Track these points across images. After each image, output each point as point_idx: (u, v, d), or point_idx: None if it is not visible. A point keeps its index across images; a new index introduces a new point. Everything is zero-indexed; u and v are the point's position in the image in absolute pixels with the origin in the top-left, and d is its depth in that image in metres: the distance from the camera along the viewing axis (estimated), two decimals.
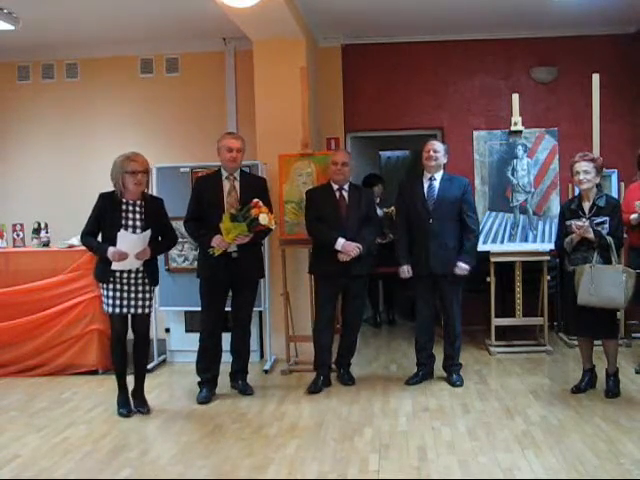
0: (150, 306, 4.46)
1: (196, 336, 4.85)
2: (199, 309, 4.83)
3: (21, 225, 5.99)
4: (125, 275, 4.29)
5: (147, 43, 6.75)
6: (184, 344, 5.73)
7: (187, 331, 5.78)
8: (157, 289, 5.62)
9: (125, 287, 4.31)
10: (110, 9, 5.68)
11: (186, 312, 5.75)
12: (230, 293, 4.79)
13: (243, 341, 4.90)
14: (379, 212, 6.84)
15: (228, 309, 4.82)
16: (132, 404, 4.46)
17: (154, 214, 4.38)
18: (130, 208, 4.29)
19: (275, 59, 5.75)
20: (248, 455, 3.68)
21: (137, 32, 6.41)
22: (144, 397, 4.51)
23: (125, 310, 4.34)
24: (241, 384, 4.86)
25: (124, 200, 4.28)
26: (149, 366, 5.56)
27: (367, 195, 5.09)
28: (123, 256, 4.18)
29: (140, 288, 4.36)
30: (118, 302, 4.31)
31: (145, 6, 5.62)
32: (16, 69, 7.04)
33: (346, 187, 4.95)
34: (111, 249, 4.17)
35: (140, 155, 4.28)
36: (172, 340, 5.87)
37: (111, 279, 4.27)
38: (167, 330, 5.85)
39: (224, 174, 4.73)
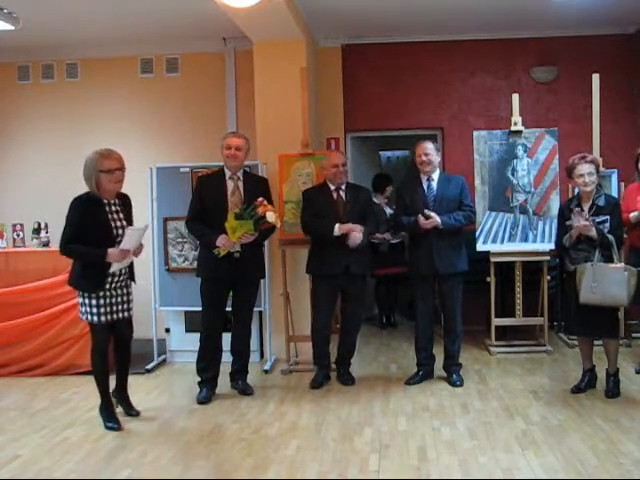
0: (132, 308, 4.31)
1: (196, 336, 4.85)
2: (199, 309, 4.82)
3: (21, 225, 5.99)
4: (115, 279, 4.11)
5: (147, 43, 6.75)
6: (184, 344, 5.72)
7: (187, 331, 5.77)
8: (157, 289, 5.68)
9: (112, 292, 4.13)
10: (110, 9, 5.68)
11: (186, 312, 5.74)
12: (231, 293, 4.78)
13: (243, 341, 4.90)
14: (388, 211, 6.87)
15: (229, 309, 4.82)
16: (115, 404, 4.36)
17: (128, 211, 4.24)
18: (113, 208, 4.12)
19: (275, 59, 5.74)
20: (248, 455, 3.68)
21: (137, 32, 6.40)
22: (130, 400, 4.43)
23: (115, 317, 4.15)
24: (241, 384, 4.86)
25: (105, 201, 4.07)
26: (149, 366, 5.58)
27: (365, 194, 5.10)
28: (127, 255, 4.02)
29: (124, 291, 4.22)
30: (108, 309, 4.10)
31: (145, 6, 5.62)
32: (16, 69, 7.03)
33: (343, 186, 4.95)
34: (112, 250, 3.95)
35: (114, 151, 4.04)
36: (172, 340, 5.87)
37: (100, 288, 4.05)
38: (167, 330, 5.85)
39: (227, 174, 4.73)
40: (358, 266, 4.86)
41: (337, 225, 4.76)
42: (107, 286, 4.11)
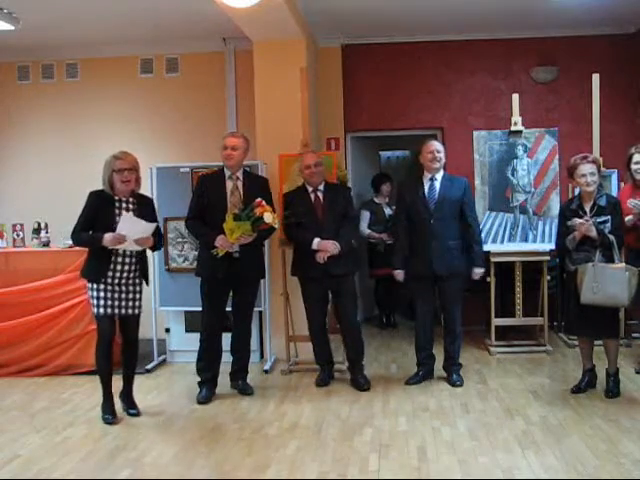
0: (140, 307, 4.38)
1: (196, 336, 4.86)
2: (199, 309, 4.82)
3: (21, 225, 5.98)
4: (117, 274, 4.20)
5: (147, 43, 6.75)
6: (184, 344, 5.72)
7: (187, 331, 5.77)
8: (157, 289, 5.67)
9: (117, 287, 4.22)
10: (110, 9, 5.68)
11: (186, 312, 5.74)
12: (231, 293, 4.78)
13: (243, 341, 4.90)
14: (388, 211, 6.86)
15: (229, 309, 4.82)
16: (122, 406, 4.41)
17: (146, 212, 4.33)
18: (124, 205, 4.25)
19: (275, 59, 5.75)
20: (248, 455, 3.68)
21: (137, 32, 6.41)
22: (134, 399, 4.46)
23: (116, 311, 4.24)
24: (241, 384, 4.86)
25: (116, 197, 4.25)
26: (149, 366, 5.58)
27: (344, 193, 5.06)
28: (121, 239, 4.11)
29: (131, 288, 4.29)
30: (109, 302, 4.21)
31: (145, 6, 5.62)
32: (16, 69, 7.03)
33: (321, 187, 4.94)
34: (107, 234, 4.08)
35: (129, 154, 4.27)
36: (172, 340, 5.87)
37: (102, 279, 4.18)
38: (167, 330, 5.84)
39: (227, 174, 4.73)
40: (337, 267, 4.81)
41: (316, 240, 4.76)
42: (110, 280, 4.18)
